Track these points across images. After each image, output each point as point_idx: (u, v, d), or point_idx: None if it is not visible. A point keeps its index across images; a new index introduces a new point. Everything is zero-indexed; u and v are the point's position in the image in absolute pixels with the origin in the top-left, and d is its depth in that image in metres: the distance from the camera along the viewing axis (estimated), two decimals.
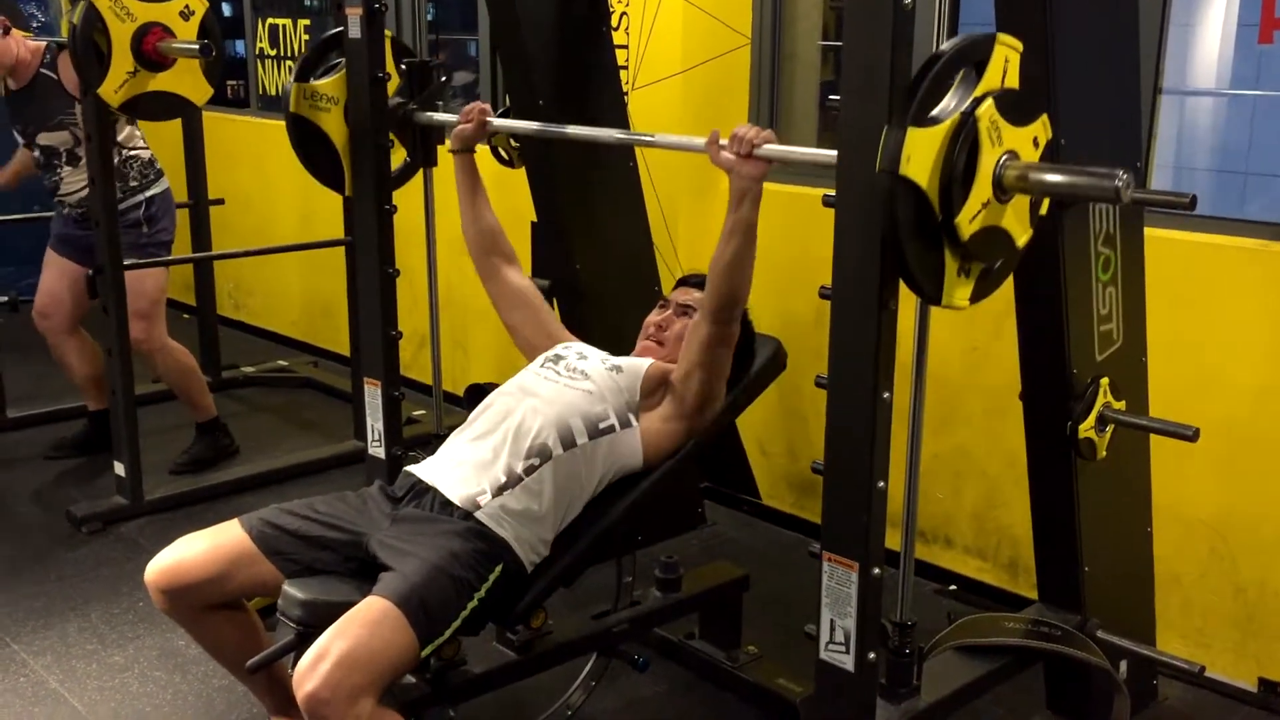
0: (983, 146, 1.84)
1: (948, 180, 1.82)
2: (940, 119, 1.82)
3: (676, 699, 3.00)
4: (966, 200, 1.84)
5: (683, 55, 3.91)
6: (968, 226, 1.85)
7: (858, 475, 1.95)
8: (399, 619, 2.05)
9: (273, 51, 5.94)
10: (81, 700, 2.95)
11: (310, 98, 3.04)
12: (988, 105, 1.83)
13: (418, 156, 3.04)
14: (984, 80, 1.86)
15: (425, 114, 2.97)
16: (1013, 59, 1.90)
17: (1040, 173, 1.89)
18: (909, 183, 1.79)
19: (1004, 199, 1.90)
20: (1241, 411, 2.91)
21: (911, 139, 1.77)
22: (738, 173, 2.19)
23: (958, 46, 1.85)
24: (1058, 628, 2.44)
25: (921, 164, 1.79)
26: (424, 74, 3.00)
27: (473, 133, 2.78)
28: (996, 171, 1.87)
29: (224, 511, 2.48)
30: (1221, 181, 3.95)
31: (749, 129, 2.17)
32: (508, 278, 2.79)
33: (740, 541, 3.88)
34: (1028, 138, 1.92)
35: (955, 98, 1.84)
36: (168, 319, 4.32)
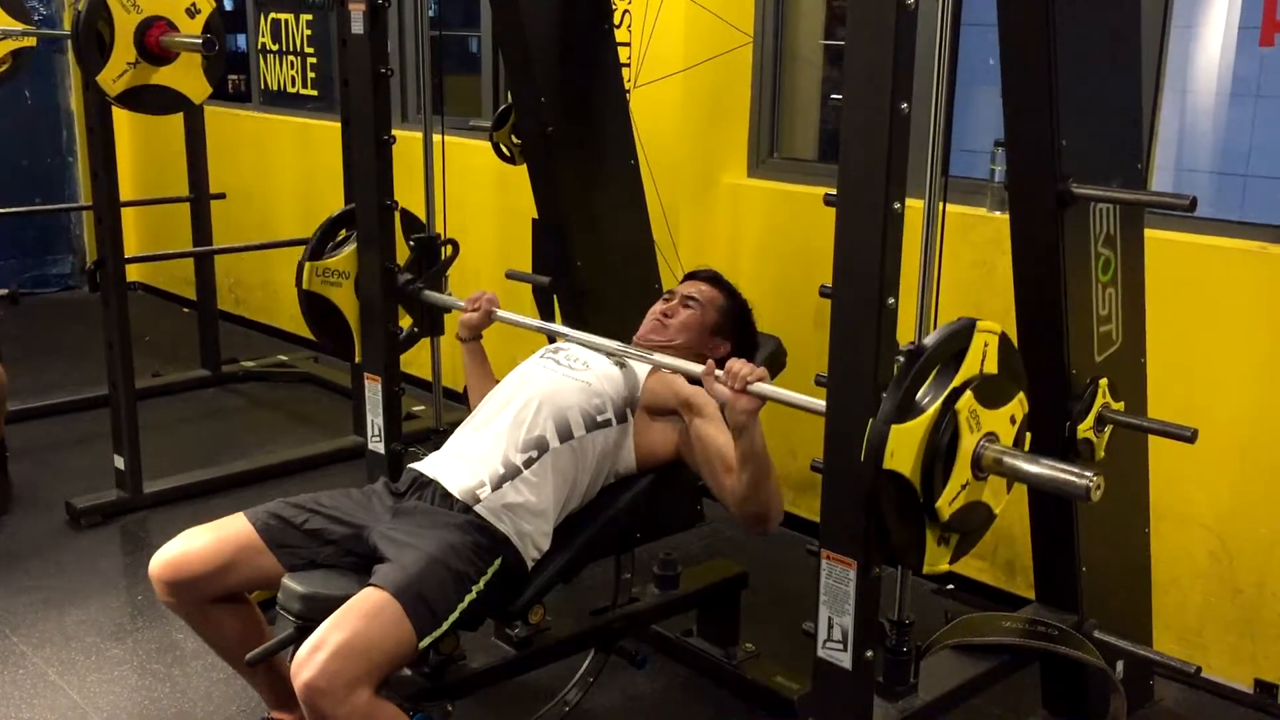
0: (962, 434, 1.91)
1: (929, 468, 1.89)
2: (921, 409, 1.88)
3: (674, 696, 3.00)
4: (947, 484, 1.91)
5: (685, 53, 3.91)
6: (948, 508, 1.93)
7: (856, 475, 1.96)
8: (396, 610, 2.06)
9: (274, 46, 5.94)
10: (80, 692, 2.96)
11: (322, 274, 3.14)
12: (967, 397, 1.90)
13: (424, 328, 3.09)
14: (963, 369, 1.92)
15: (431, 294, 3.01)
16: (991, 343, 1.96)
17: (1016, 460, 1.95)
18: (893, 474, 1.86)
19: (982, 478, 1.97)
20: (1240, 413, 2.91)
21: (895, 435, 1.84)
22: (731, 406, 2.20)
23: (939, 341, 1.91)
24: (1055, 627, 2.44)
25: (904, 456, 1.86)
26: (430, 251, 3.04)
27: (479, 321, 2.78)
28: (975, 454, 1.95)
29: (223, 505, 2.49)
30: (1222, 184, 3.94)
31: (742, 365, 2.19)
32: None
33: (738, 539, 3.88)
34: (1005, 417, 1.99)
35: (933, 390, 1.90)
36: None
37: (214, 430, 4.95)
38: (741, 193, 4.00)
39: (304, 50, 5.78)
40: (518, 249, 3.75)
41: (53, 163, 6.96)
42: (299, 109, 5.84)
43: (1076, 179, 2.31)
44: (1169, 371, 2.82)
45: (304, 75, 5.81)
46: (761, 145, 4.01)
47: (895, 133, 1.83)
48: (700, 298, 2.66)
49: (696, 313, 2.64)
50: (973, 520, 2.01)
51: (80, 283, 7.04)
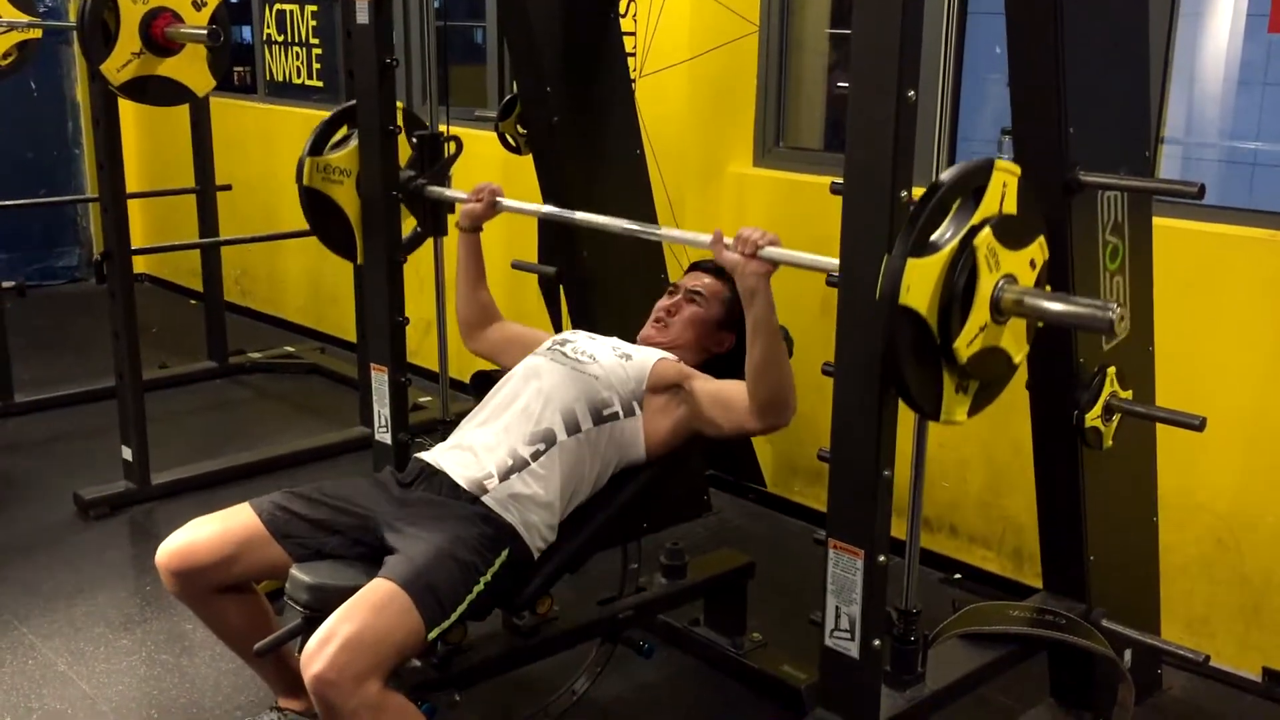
0: (981, 272, 1.87)
1: (946, 307, 1.85)
2: (939, 246, 1.84)
3: (681, 685, 3.01)
4: (965, 325, 1.87)
5: (690, 42, 3.90)
6: (966, 350, 1.88)
7: (864, 463, 1.96)
8: (405, 602, 2.06)
9: (280, 37, 5.93)
10: (89, 683, 2.97)
11: (323, 171, 3.10)
12: (985, 234, 1.86)
13: (428, 227, 3.06)
14: (981, 206, 1.88)
15: (435, 189, 2.99)
16: (1010, 183, 1.92)
17: (1036, 299, 1.91)
18: (909, 311, 1.82)
19: (1001, 321, 1.93)
20: (1248, 401, 2.91)
21: (911, 269, 1.80)
22: (742, 271, 2.18)
23: (957, 177, 1.87)
24: (1062, 616, 2.44)
25: (921, 292, 1.82)
26: (434, 147, 3.02)
27: (482, 212, 2.77)
28: (994, 296, 1.90)
29: (231, 496, 2.49)
30: (1230, 172, 3.93)
31: (753, 230, 2.17)
32: (492, 336, 2.81)
33: (745, 529, 3.89)
34: (1024, 260, 1.95)
35: (953, 226, 1.86)
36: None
37: (221, 421, 4.96)
38: (747, 182, 3.99)
39: (309, 41, 5.78)
40: (523, 239, 3.75)
41: (59, 155, 6.96)
42: (304, 100, 5.84)
43: (1084, 167, 2.31)
44: (1177, 360, 2.82)
45: (309, 66, 5.81)
46: (767, 134, 4.00)
47: (902, 121, 1.83)
48: (704, 291, 2.65)
49: (701, 309, 2.63)
50: (991, 367, 1.95)
51: (87, 275, 7.06)
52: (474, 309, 2.81)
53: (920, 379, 1.88)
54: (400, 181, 2.96)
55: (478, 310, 2.81)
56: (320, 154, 3.11)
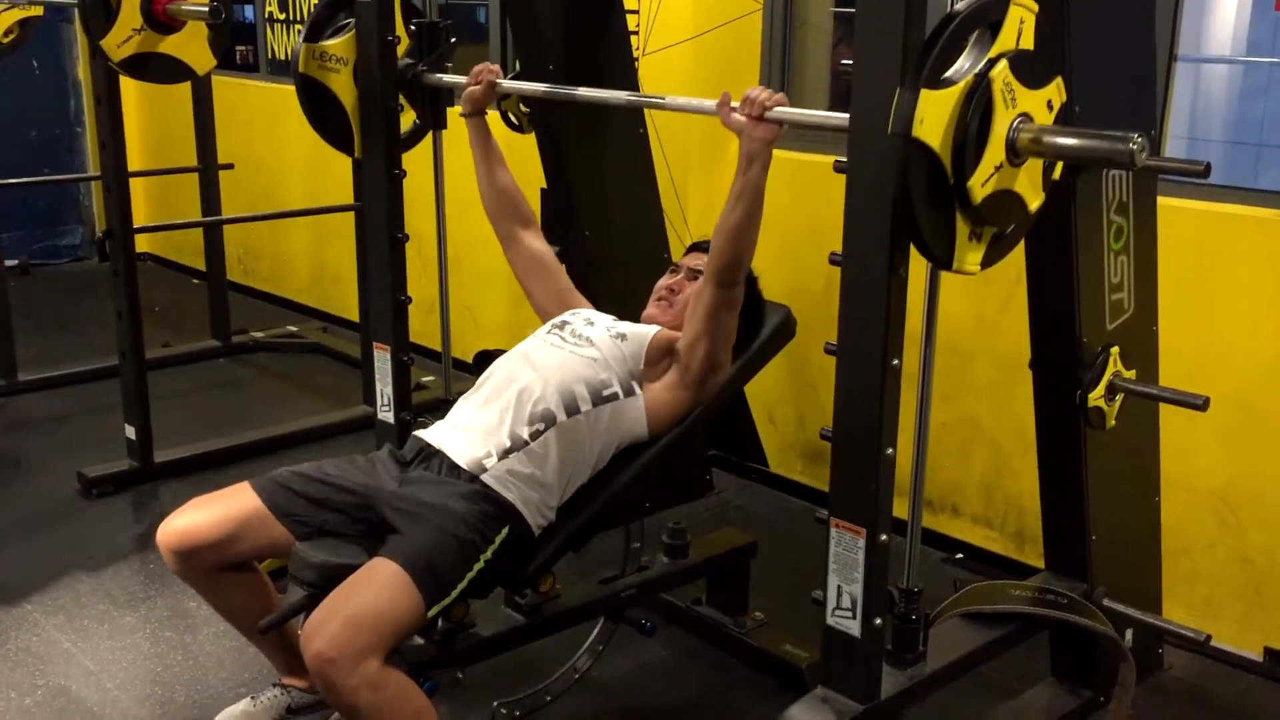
0: (996, 109, 1.83)
1: (961, 142, 1.81)
2: (954, 80, 1.80)
3: (683, 664, 3.02)
4: (979, 163, 1.82)
5: (694, 21, 3.88)
6: (980, 190, 1.83)
7: (866, 442, 1.95)
8: (405, 580, 2.06)
9: (282, 16, 5.91)
10: (94, 660, 2.98)
11: (319, 58, 3.03)
12: (1002, 67, 1.82)
13: (427, 118, 3.03)
14: (998, 41, 1.84)
15: (434, 76, 2.96)
16: (1028, 19, 1.87)
17: (1054, 136, 1.87)
18: (921, 145, 1.78)
19: (1017, 162, 1.88)
20: (1252, 381, 2.90)
21: (925, 100, 1.76)
22: (748, 135, 2.18)
23: (972, 7, 1.82)
24: (1064, 596, 2.45)
25: (934, 126, 1.78)
26: (433, 35, 2.98)
27: (482, 94, 2.76)
28: (1010, 134, 1.86)
29: (234, 475, 2.49)
30: (1235, 152, 3.92)
31: (760, 91, 2.16)
32: (525, 242, 2.79)
33: (748, 508, 3.89)
34: (1042, 100, 1.91)
35: (969, 59, 1.82)
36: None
37: (224, 400, 4.97)
38: None
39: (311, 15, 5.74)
40: None
41: (61, 133, 6.95)
42: None
43: None
44: (1181, 339, 2.81)
45: None
46: None
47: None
48: (705, 270, 2.64)
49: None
50: (1006, 212, 1.92)
51: (90, 253, 7.05)
52: (494, 193, 2.80)
53: (933, 221, 1.84)
54: (398, 71, 2.94)
55: (500, 197, 2.80)
56: (317, 40, 3.06)
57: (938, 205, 1.84)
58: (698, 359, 2.43)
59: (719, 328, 2.41)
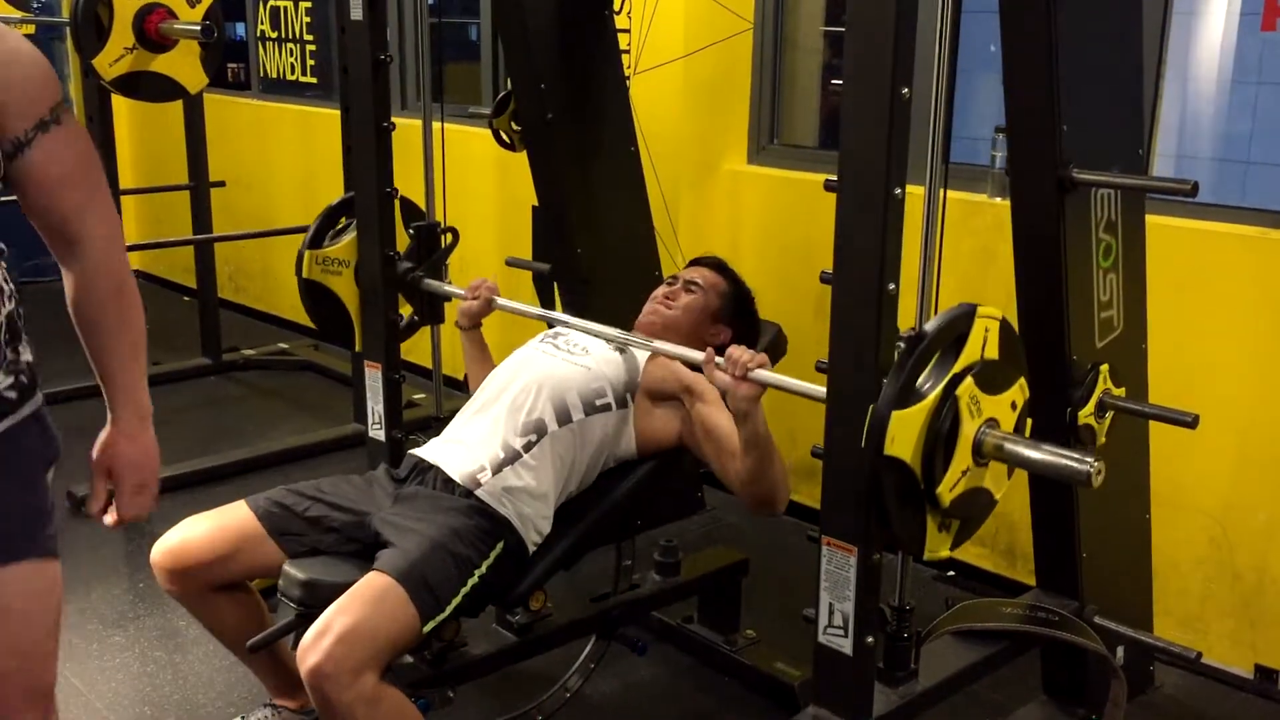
0: (963, 419, 1.91)
1: (930, 454, 1.89)
2: (922, 395, 1.88)
3: (675, 682, 3.01)
4: (948, 470, 1.91)
5: (685, 40, 3.90)
6: (949, 494, 1.93)
7: (857, 460, 1.96)
8: (401, 595, 2.06)
9: (274, 34, 5.92)
10: (82, 679, 2.97)
11: (322, 263, 3.13)
12: (967, 384, 1.90)
13: (425, 316, 3.08)
14: (964, 354, 1.91)
15: (432, 282, 3.00)
16: (992, 328, 1.96)
17: (1017, 446, 1.95)
18: (893, 460, 1.86)
19: (983, 464, 1.97)
20: (1241, 398, 2.91)
21: (895, 421, 1.84)
22: (732, 394, 2.19)
23: (939, 327, 1.90)
24: (1055, 613, 2.45)
25: (905, 443, 1.86)
26: (431, 239, 3.03)
27: (479, 310, 2.77)
28: (976, 441, 1.94)
29: (224, 493, 2.49)
30: (1223, 170, 3.93)
31: (742, 352, 2.18)
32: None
33: (739, 526, 3.89)
34: (1005, 403, 1.99)
35: (935, 375, 1.90)
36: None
37: (214, 418, 4.95)
38: (742, 179, 3.99)
39: (303, 37, 5.76)
40: (518, 236, 3.75)
41: None
42: (298, 97, 5.83)
43: (1077, 164, 2.31)
44: (1170, 357, 2.82)
45: (303, 63, 5.79)
46: (762, 132, 4.00)
47: (896, 118, 1.83)
48: (703, 282, 2.65)
49: (699, 297, 2.64)
50: (974, 506, 2.01)
51: None
52: None
53: (905, 522, 1.93)
54: (398, 273, 3.00)
55: None
56: (320, 247, 3.17)
57: (909, 507, 1.93)
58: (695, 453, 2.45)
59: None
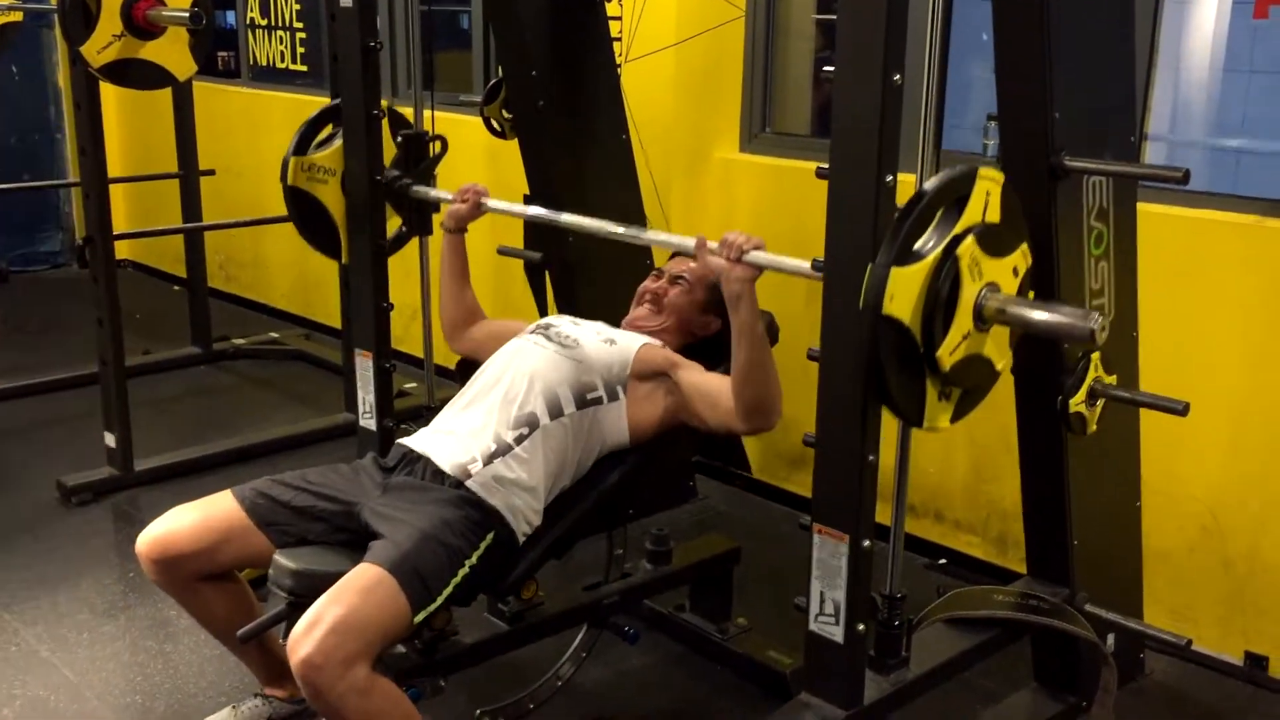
0: (964, 281, 1.88)
1: (930, 316, 1.86)
2: (922, 255, 1.84)
3: (666, 671, 3.01)
4: (948, 333, 1.88)
5: (676, 27, 3.89)
6: (949, 359, 1.89)
7: (849, 449, 1.96)
8: (392, 585, 2.06)
9: (264, 21, 5.89)
10: (73, 669, 2.96)
11: (308, 170, 3.09)
12: (969, 243, 1.87)
13: (413, 227, 3.05)
14: (965, 215, 1.88)
15: (420, 189, 2.97)
16: (994, 191, 1.92)
17: (1019, 308, 1.93)
18: (892, 320, 1.82)
19: (984, 329, 1.94)
20: (1232, 386, 2.92)
21: (895, 278, 1.80)
22: (727, 276, 2.17)
23: (940, 185, 1.87)
24: (1046, 601, 2.45)
25: (904, 302, 1.83)
26: (419, 146, 3.00)
27: (467, 213, 2.76)
28: (977, 304, 1.91)
29: (215, 483, 2.48)
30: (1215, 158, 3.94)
31: (738, 235, 2.16)
32: (476, 335, 2.79)
33: (731, 515, 3.89)
34: (1008, 268, 1.96)
35: (936, 235, 1.86)
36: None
37: (205, 408, 4.94)
38: (734, 168, 3.98)
39: (293, 25, 5.74)
40: (509, 224, 3.73)
41: (40, 139, 6.91)
42: (288, 85, 5.80)
43: (1069, 152, 2.30)
44: (1161, 345, 2.82)
45: (293, 50, 5.77)
46: (754, 120, 3.99)
47: (888, 106, 1.82)
48: (690, 275, 2.64)
49: (686, 291, 2.63)
50: (974, 375, 1.96)
51: (70, 260, 7.01)
52: (459, 310, 2.79)
53: (903, 387, 1.90)
54: (385, 181, 2.95)
55: (462, 311, 2.80)
56: (305, 153, 3.11)
57: (908, 372, 1.89)
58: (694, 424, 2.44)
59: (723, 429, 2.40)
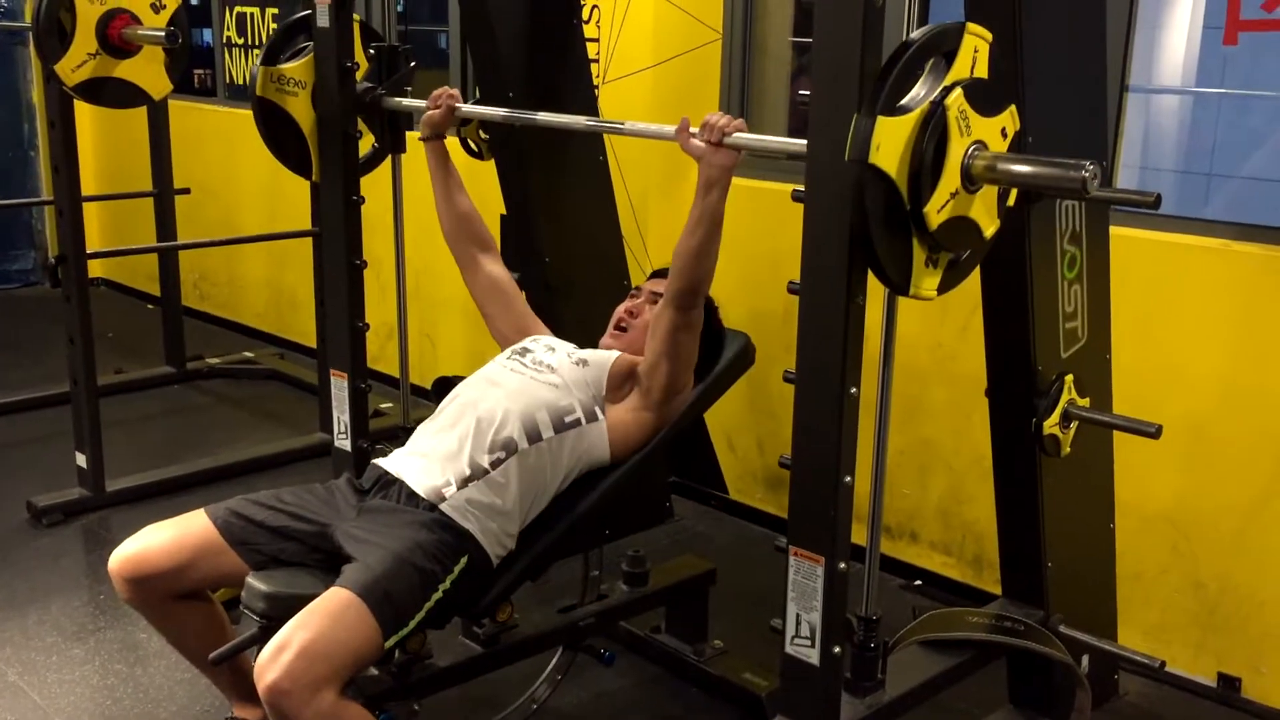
0: (951, 136, 1.85)
1: (917, 169, 1.82)
2: (910, 108, 1.82)
3: (642, 693, 3.00)
4: (935, 190, 1.84)
5: (654, 49, 3.90)
6: (936, 216, 1.85)
7: (825, 470, 1.96)
8: (362, 610, 2.04)
9: (240, 40, 5.88)
10: (41, 693, 2.92)
11: (277, 81, 3.02)
12: (957, 95, 1.84)
13: (386, 142, 3.02)
14: (953, 70, 1.86)
15: (393, 99, 2.95)
16: (982, 49, 1.90)
17: (1008, 163, 1.89)
18: (878, 171, 1.79)
19: (972, 189, 1.91)
20: (1204, 409, 2.94)
21: (881, 127, 1.77)
22: (708, 160, 2.19)
23: (927, 35, 1.85)
24: (1021, 623, 2.46)
25: (890, 152, 1.79)
26: (393, 59, 2.98)
27: (441, 118, 2.76)
28: (965, 161, 1.88)
29: (187, 503, 2.46)
30: (1185, 182, 3.98)
31: (720, 117, 2.17)
32: (485, 267, 2.78)
33: (708, 536, 3.89)
34: (996, 128, 1.93)
35: (924, 87, 1.84)
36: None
37: (178, 427, 4.91)
38: None
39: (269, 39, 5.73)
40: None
41: (14, 156, 6.87)
42: None
43: None
44: (1134, 368, 2.84)
45: None
46: None
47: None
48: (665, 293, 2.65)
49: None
50: (962, 238, 1.93)
51: (42, 278, 6.96)
52: (453, 217, 2.79)
53: (890, 247, 1.85)
54: (357, 94, 2.92)
55: (459, 220, 2.78)
56: (274, 64, 3.05)
57: (894, 231, 1.85)
58: (659, 381, 2.43)
59: (679, 350, 2.41)
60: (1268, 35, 3.10)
